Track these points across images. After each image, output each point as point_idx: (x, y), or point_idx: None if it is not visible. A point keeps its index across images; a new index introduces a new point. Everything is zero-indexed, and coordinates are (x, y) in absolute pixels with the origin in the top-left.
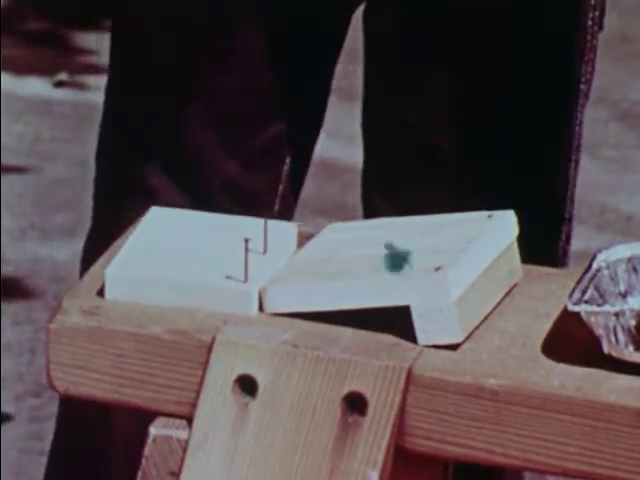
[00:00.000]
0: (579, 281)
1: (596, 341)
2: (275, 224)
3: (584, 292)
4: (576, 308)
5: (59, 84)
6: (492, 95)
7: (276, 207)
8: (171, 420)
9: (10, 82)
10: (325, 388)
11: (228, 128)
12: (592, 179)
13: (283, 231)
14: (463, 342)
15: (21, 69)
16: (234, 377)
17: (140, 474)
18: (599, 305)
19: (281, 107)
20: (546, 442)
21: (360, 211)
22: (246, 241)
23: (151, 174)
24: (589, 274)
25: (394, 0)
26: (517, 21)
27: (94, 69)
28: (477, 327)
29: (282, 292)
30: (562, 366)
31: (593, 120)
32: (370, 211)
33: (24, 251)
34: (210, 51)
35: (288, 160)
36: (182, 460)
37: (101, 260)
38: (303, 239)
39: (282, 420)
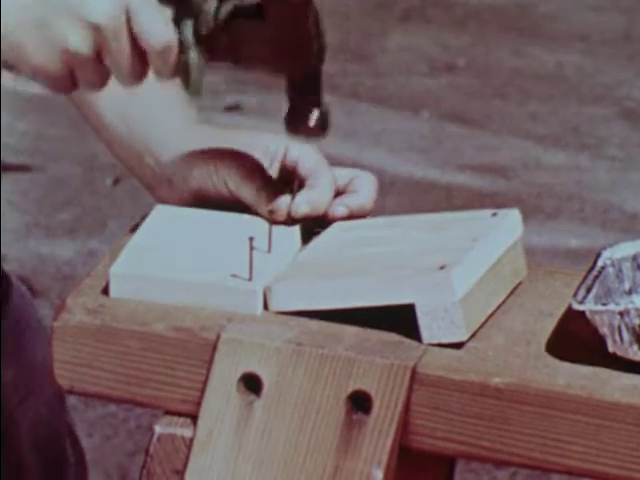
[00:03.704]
0: (584, 279)
1: (601, 340)
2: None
3: (589, 290)
4: (581, 307)
5: None
6: None
7: None
8: (175, 418)
9: (12, 80)
10: (330, 386)
11: None
12: (596, 178)
13: (287, 230)
14: (468, 341)
15: None
16: (238, 375)
17: (145, 472)
18: (604, 304)
19: None
20: (551, 440)
21: None
22: (251, 240)
23: None
24: (594, 272)
25: None
26: None
27: None
28: (482, 326)
29: (287, 290)
30: (567, 365)
31: (597, 118)
32: None
33: (28, 249)
34: None
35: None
36: (186, 458)
37: (105, 258)
38: (307, 238)
39: (286, 418)
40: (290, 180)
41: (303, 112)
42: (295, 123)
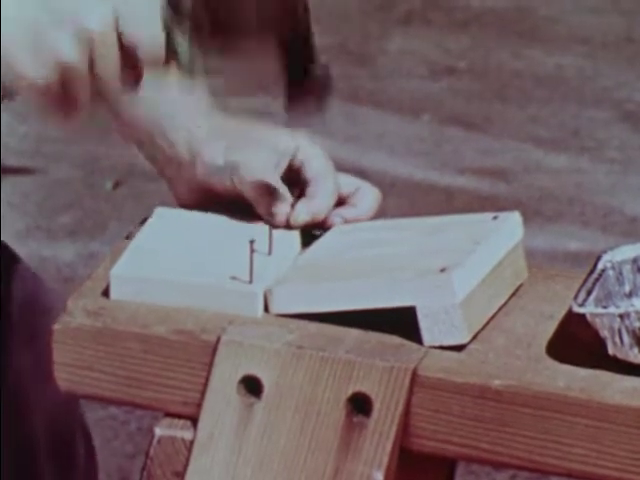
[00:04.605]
0: (584, 282)
1: (601, 342)
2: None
3: (589, 293)
4: (581, 309)
5: None
6: None
7: None
8: (176, 420)
9: None
10: (330, 389)
11: None
12: (596, 181)
13: (288, 232)
14: (468, 343)
15: None
16: (239, 377)
17: (145, 474)
18: (604, 306)
19: None
20: (551, 443)
21: None
22: (251, 242)
23: None
24: (594, 275)
25: None
26: None
27: None
28: (482, 328)
29: (287, 293)
30: (567, 367)
31: (597, 121)
32: None
33: (29, 251)
34: None
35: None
36: (187, 460)
37: (106, 260)
38: (307, 240)
39: (287, 421)
40: (294, 181)
41: (299, 76)
42: (293, 91)
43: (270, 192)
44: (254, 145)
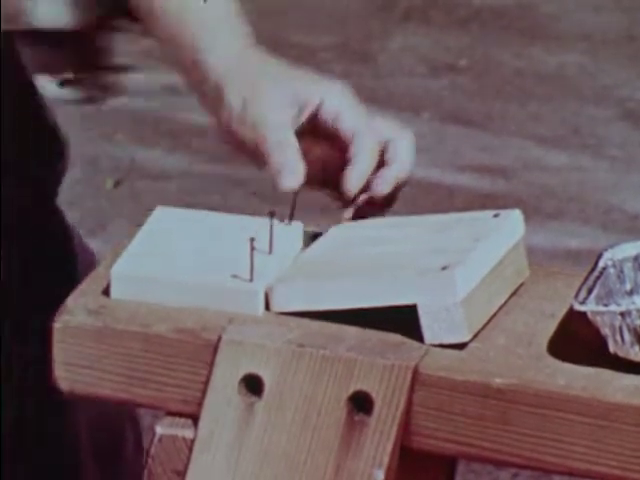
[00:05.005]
0: (585, 280)
1: (602, 341)
2: (281, 224)
3: (590, 291)
4: (582, 308)
5: (65, 83)
6: None
7: None
8: (177, 419)
9: None
10: (331, 387)
11: None
12: (597, 178)
13: (289, 230)
14: (469, 341)
15: None
16: (240, 376)
17: (146, 473)
18: (605, 305)
19: None
20: (552, 441)
21: None
22: (252, 240)
23: None
24: (595, 273)
25: None
26: None
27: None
28: (483, 326)
29: (288, 291)
30: (568, 365)
31: (598, 119)
32: None
33: None
34: None
35: None
36: (188, 459)
37: (106, 259)
38: (308, 238)
39: (288, 419)
40: (323, 133)
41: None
42: None
43: (282, 149)
44: (273, 94)
